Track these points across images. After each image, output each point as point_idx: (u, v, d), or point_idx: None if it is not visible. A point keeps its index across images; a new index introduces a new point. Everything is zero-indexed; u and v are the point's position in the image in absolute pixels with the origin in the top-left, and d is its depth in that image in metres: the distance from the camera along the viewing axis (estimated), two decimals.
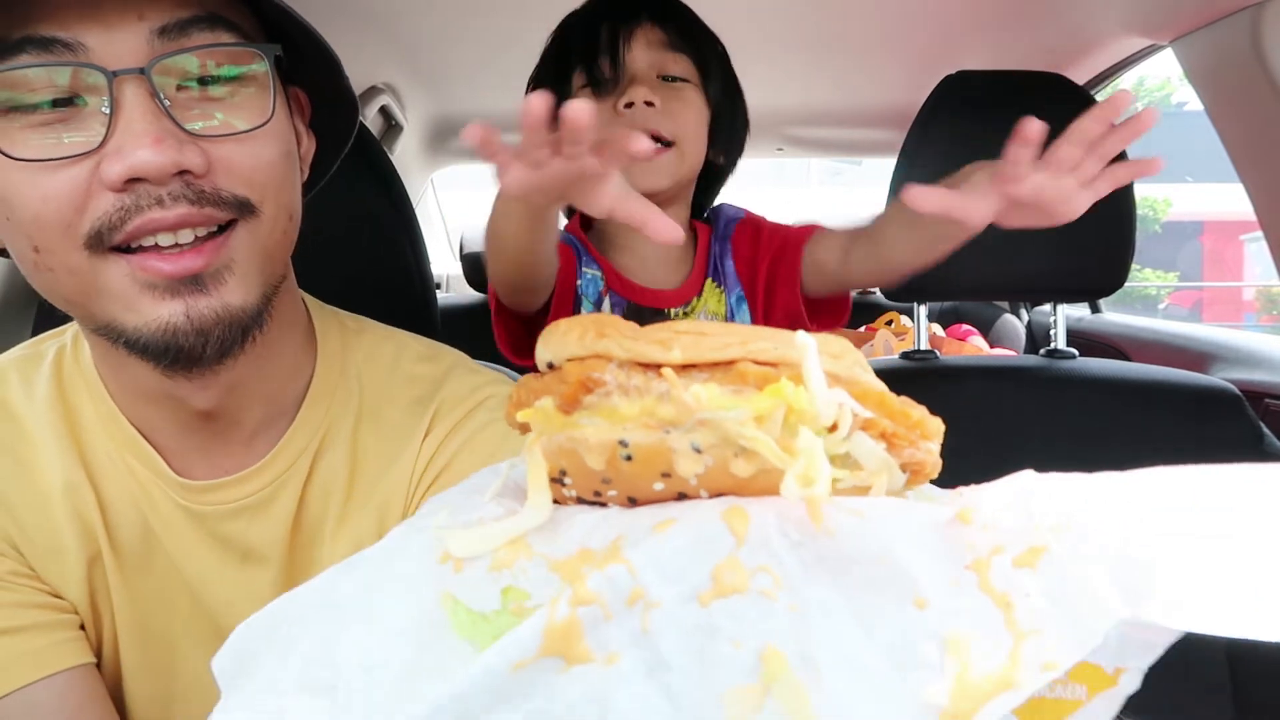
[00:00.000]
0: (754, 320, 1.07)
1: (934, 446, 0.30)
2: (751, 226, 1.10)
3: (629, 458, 0.27)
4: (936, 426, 0.30)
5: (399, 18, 1.64)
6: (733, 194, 1.18)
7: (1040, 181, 0.66)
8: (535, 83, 1.08)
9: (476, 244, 2.63)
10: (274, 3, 0.54)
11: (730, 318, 1.06)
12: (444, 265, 3.20)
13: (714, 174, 1.13)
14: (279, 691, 0.30)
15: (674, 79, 1.00)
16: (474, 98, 2.14)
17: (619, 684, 0.25)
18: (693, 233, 1.11)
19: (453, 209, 3.53)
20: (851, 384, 0.28)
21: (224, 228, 0.55)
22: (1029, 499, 0.28)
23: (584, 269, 1.04)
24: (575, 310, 1.02)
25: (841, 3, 1.57)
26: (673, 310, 1.07)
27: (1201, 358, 1.63)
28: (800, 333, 0.27)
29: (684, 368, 0.27)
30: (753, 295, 1.08)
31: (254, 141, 0.55)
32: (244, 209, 0.55)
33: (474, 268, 2.59)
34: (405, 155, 2.31)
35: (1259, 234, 1.27)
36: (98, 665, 0.64)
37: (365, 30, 1.66)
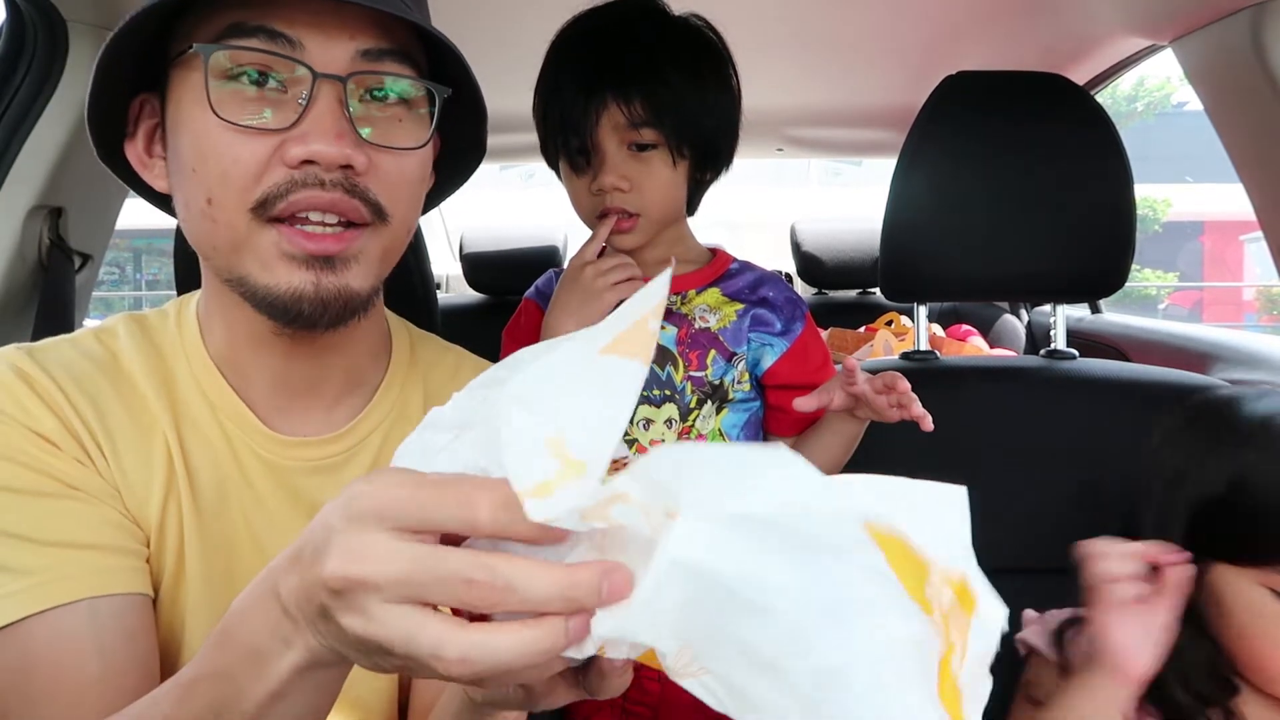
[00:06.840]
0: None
1: None
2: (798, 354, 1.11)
3: None
4: None
5: None
6: (734, 195, 1.18)
7: (865, 388, 0.93)
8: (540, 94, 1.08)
9: (476, 244, 2.63)
10: (450, 50, 0.64)
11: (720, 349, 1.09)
12: (444, 265, 3.20)
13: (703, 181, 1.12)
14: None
15: (644, 146, 1.01)
16: None
17: None
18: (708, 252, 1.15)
19: (453, 209, 3.54)
20: None
21: (358, 225, 0.64)
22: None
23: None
24: None
25: (841, 3, 1.57)
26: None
27: (1201, 358, 1.63)
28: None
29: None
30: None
31: (405, 159, 0.65)
32: (379, 214, 0.64)
33: (474, 268, 2.59)
34: None
35: (1259, 234, 1.27)
36: (156, 602, 0.67)
37: None
